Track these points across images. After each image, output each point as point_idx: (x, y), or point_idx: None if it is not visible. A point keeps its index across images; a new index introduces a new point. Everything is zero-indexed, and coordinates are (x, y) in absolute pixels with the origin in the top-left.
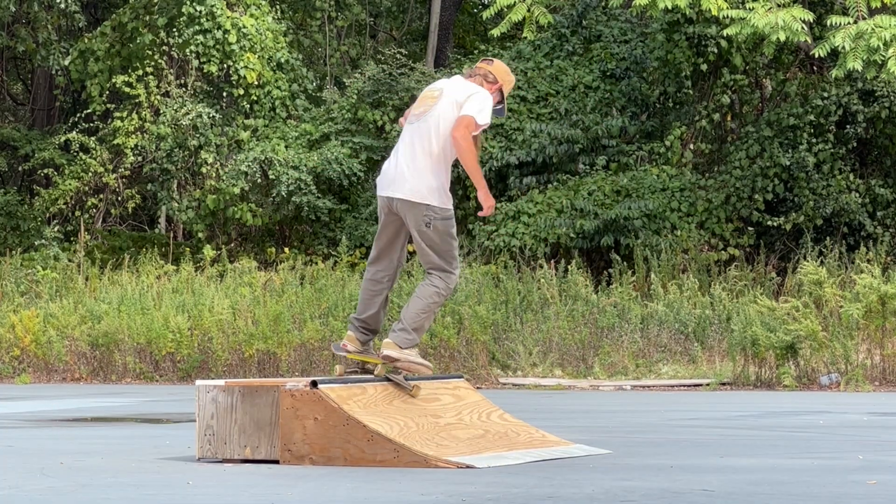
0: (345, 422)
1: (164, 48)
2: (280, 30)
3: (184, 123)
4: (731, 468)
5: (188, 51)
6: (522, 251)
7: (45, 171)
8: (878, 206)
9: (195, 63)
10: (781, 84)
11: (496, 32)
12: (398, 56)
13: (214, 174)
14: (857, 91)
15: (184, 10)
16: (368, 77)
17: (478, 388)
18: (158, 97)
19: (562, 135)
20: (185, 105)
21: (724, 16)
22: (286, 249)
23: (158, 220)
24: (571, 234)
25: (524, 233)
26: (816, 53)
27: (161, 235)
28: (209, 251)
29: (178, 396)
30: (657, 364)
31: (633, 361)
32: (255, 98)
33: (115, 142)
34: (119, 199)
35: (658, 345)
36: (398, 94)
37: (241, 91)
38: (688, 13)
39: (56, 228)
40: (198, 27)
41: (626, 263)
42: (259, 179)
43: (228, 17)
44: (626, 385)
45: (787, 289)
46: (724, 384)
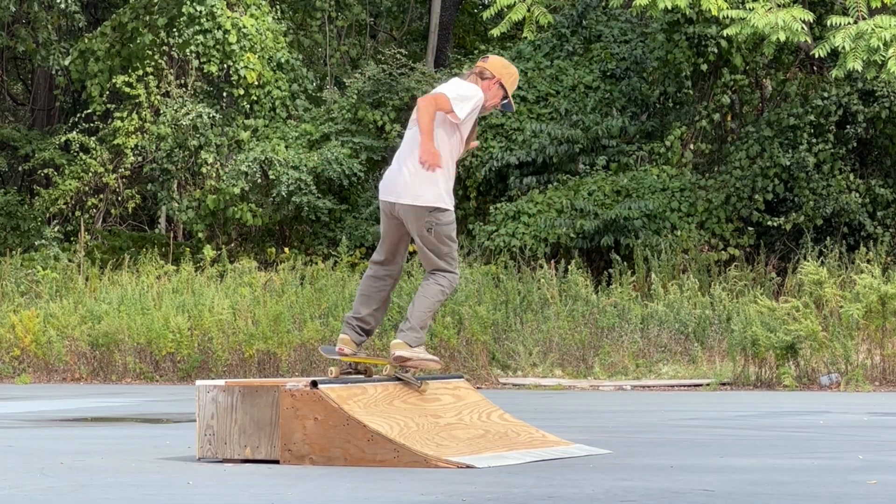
0: (345, 422)
1: (165, 48)
2: (280, 30)
3: (184, 123)
4: (731, 468)
5: (188, 51)
6: (522, 251)
7: (46, 171)
8: (878, 206)
9: (195, 63)
10: (781, 84)
11: (496, 32)
12: (398, 56)
13: (214, 174)
14: (857, 91)
15: (184, 10)
16: (368, 77)
17: (478, 388)
18: (158, 97)
19: (562, 135)
20: (186, 105)
21: (724, 16)
22: (286, 249)
23: (158, 220)
24: (571, 234)
25: (524, 233)
26: (816, 53)
27: (161, 235)
28: (209, 251)
29: (178, 396)
30: (657, 364)
31: (634, 361)
32: (255, 98)
33: (116, 142)
34: (119, 199)
35: (658, 345)
36: (398, 95)
37: (242, 91)
38: (688, 13)
39: (56, 228)
40: (198, 27)
41: (627, 263)
42: (259, 179)
43: (228, 17)
44: (626, 385)
45: (788, 289)
46: (724, 384)
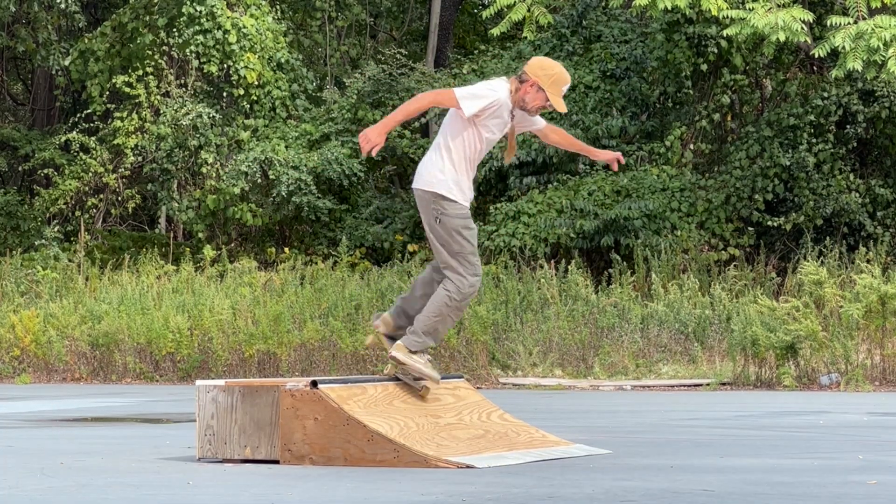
0: (345, 422)
1: (165, 48)
2: (280, 30)
3: (184, 123)
4: (731, 468)
5: (188, 51)
6: (522, 251)
7: (46, 171)
8: (878, 206)
9: (195, 63)
10: (781, 84)
11: (496, 32)
12: (398, 56)
13: (214, 174)
14: (857, 91)
15: (184, 10)
16: (368, 77)
17: (478, 388)
18: (158, 97)
19: None
20: (186, 105)
21: (724, 16)
22: (286, 249)
23: (158, 220)
24: (571, 234)
25: (524, 233)
26: (816, 53)
27: (161, 235)
28: (209, 251)
29: (178, 396)
30: (657, 364)
31: (634, 361)
32: (255, 98)
33: (115, 142)
34: (119, 199)
35: (658, 345)
36: (398, 94)
37: (241, 91)
38: (688, 13)
39: (56, 228)
40: (198, 27)
41: (626, 263)
42: (259, 179)
43: (228, 18)
44: (627, 385)
45: (788, 289)
46: (724, 384)
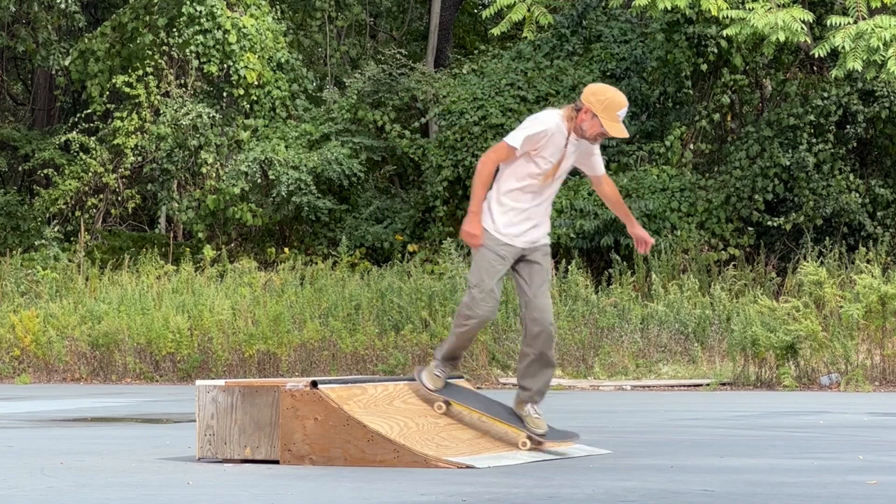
0: (345, 422)
1: (164, 48)
2: (280, 30)
3: (184, 123)
4: (731, 468)
5: (188, 51)
6: None
7: (45, 172)
8: (878, 207)
9: (195, 63)
10: (781, 84)
11: (496, 32)
12: (398, 56)
13: (214, 174)
14: (857, 91)
15: (184, 11)
16: (368, 77)
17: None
18: (158, 97)
19: None
20: (185, 105)
21: (724, 16)
22: (286, 249)
23: (158, 221)
24: (571, 234)
25: None
26: (816, 53)
27: (161, 235)
28: (209, 251)
29: (178, 396)
30: (657, 364)
31: (634, 361)
32: (255, 98)
33: (115, 142)
34: (119, 200)
35: (658, 345)
36: (398, 95)
37: (241, 91)
38: (688, 13)
39: (56, 228)
40: (198, 27)
41: (626, 263)
42: (259, 179)
43: (228, 18)
44: (626, 385)
45: (787, 289)
46: (724, 384)
